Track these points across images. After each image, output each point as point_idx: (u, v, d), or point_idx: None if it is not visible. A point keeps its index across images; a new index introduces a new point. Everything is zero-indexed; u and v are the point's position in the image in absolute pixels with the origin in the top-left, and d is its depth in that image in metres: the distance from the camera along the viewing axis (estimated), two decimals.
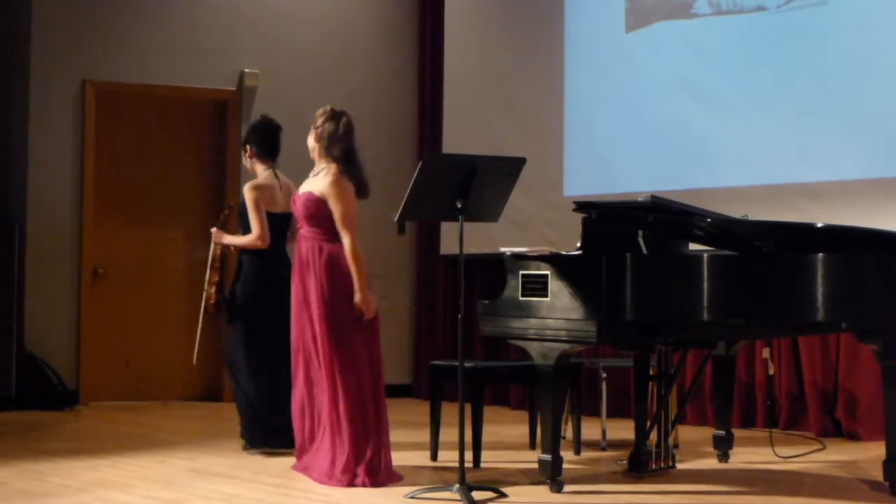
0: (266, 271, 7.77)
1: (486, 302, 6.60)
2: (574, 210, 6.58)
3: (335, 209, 6.74)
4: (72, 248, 10.48)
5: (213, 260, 8.01)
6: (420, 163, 6.17)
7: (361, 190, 6.86)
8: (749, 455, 7.59)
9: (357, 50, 11.53)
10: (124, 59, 10.69)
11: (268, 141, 7.97)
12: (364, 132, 11.31)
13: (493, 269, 7.42)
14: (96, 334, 10.57)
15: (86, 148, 10.60)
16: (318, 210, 6.78)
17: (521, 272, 6.43)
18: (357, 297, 6.69)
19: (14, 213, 10.42)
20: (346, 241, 6.73)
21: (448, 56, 11.24)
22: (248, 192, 7.74)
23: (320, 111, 6.99)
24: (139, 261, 10.85)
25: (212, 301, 8.01)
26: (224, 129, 11.04)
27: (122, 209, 10.82)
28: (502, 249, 6.63)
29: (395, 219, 6.38)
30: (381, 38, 11.64)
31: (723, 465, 7.26)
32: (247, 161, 8.04)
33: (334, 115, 6.92)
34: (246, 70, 11.03)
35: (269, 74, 11.11)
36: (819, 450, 7.87)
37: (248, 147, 8.01)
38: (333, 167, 6.81)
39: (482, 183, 6.19)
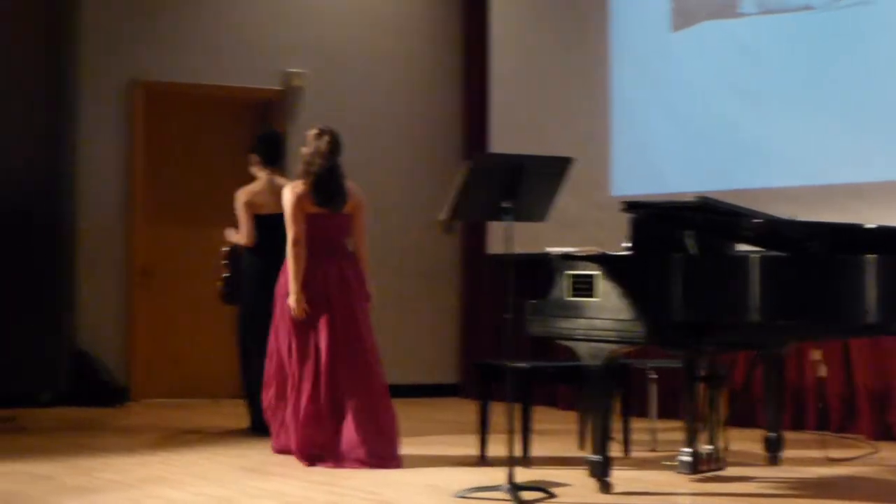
0: (257, 268, 8.42)
1: (534, 302, 6.59)
2: (622, 210, 6.56)
3: None
4: (121, 247, 10.56)
5: (221, 257, 8.87)
6: (467, 163, 6.17)
7: (331, 203, 7.38)
8: (800, 458, 7.54)
9: (403, 49, 11.56)
10: (172, 59, 10.76)
11: (270, 150, 8.71)
12: (410, 132, 11.47)
13: (541, 269, 7.40)
14: (146, 332, 10.65)
15: (134, 147, 10.68)
16: None
17: (569, 272, 6.41)
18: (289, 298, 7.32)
19: (64, 212, 10.49)
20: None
21: (494, 55, 11.24)
22: (237, 197, 8.56)
23: (311, 131, 7.51)
24: (188, 259, 10.91)
25: (218, 294, 8.94)
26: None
27: (170, 208, 10.89)
28: (549, 249, 6.62)
29: (442, 219, 6.38)
30: (426, 38, 11.65)
31: (773, 468, 7.23)
32: (252, 168, 8.73)
33: (319, 134, 7.43)
34: (292, 70, 11.08)
35: (315, 74, 11.15)
36: (871, 453, 7.81)
37: (253, 156, 8.73)
38: (298, 180, 7.42)
39: (529, 183, 6.19)
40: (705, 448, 6.83)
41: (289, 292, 7.28)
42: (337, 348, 7.28)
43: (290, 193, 7.33)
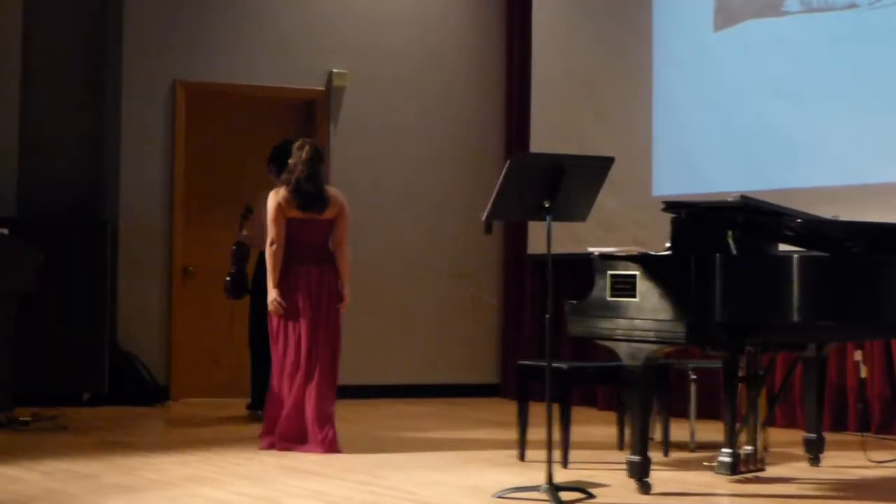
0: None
1: (574, 302, 6.58)
2: (663, 210, 6.55)
3: None
4: (163, 248, 10.61)
5: (229, 255, 9.53)
6: (507, 162, 6.16)
7: (310, 207, 7.89)
8: (840, 459, 7.50)
9: (445, 50, 11.55)
10: (214, 60, 10.80)
11: (285, 161, 8.68)
12: (452, 132, 11.47)
13: (581, 269, 7.39)
14: (186, 332, 10.69)
15: (176, 148, 10.71)
16: None
17: (610, 272, 6.40)
18: None
19: (106, 212, 10.56)
20: None
21: (535, 55, 11.22)
22: (257, 198, 9.03)
23: (296, 143, 8.08)
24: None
25: (223, 288, 9.52)
26: (313, 130, 11.11)
27: (211, 209, 10.91)
28: (590, 249, 6.60)
29: (483, 218, 6.37)
30: (468, 38, 11.64)
31: (813, 469, 7.19)
32: (270, 175, 9.02)
33: (301, 146, 8.00)
34: (334, 70, 11.10)
35: (358, 74, 11.17)
36: None
37: (270, 165, 9.06)
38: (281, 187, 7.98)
39: (570, 183, 6.17)
40: (745, 449, 6.79)
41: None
42: (313, 344, 7.82)
43: (272, 199, 7.91)
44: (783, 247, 7.02)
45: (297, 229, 7.86)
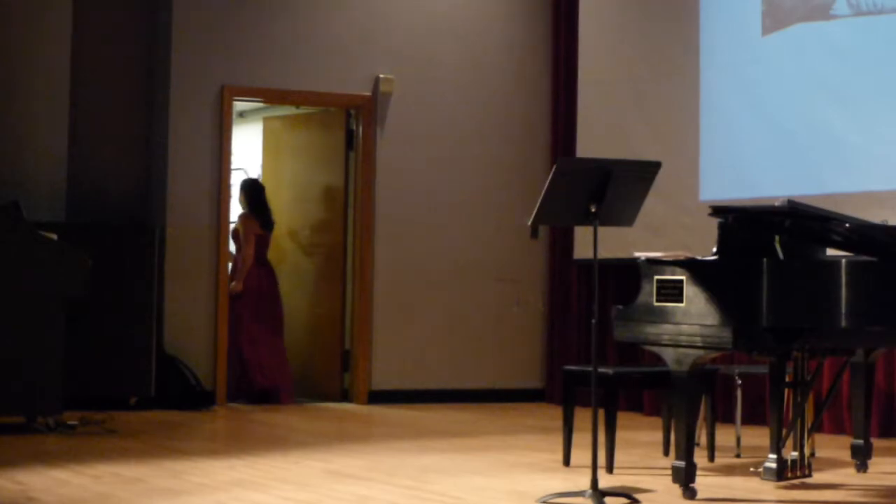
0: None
1: (621, 307, 6.56)
2: (710, 214, 6.52)
3: None
4: (210, 251, 10.64)
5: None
6: (554, 167, 6.16)
7: (268, 227, 11.06)
8: (888, 466, 7.44)
9: (491, 54, 11.54)
10: (262, 65, 10.82)
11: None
12: (498, 137, 11.49)
13: (628, 273, 7.38)
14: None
15: (224, 153, 10.75)
16: None
17: (656, 277, 6.37)
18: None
19: (154, 217, 10.61)
20: None
21: (582, 59, 11.20)
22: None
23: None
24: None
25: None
26: (359, 134, 11.12)
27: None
28: (637, 254, 6.58)
29: (529, 223, 6.36)
30: (515, 43, 11.63)
31: (861, 476, 7.13)
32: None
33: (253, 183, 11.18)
34: (381, 75, 11.11)
35: (404, 80, 11.17)
36: None
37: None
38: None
39: (617, 187, 6.15)
40: (791, 455, 6.76)
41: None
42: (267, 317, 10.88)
43: (245, 221, 10.84)
44: (831, 251, 6.98)
45: (261, 242, 10.82)
